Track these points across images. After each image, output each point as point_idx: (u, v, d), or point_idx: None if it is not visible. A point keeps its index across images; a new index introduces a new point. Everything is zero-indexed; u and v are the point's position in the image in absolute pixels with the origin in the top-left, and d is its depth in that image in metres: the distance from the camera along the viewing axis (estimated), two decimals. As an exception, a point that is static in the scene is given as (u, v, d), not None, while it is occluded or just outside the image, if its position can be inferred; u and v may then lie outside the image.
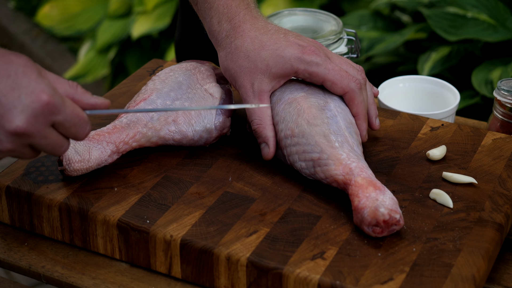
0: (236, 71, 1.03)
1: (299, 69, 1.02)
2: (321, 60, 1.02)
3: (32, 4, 3.30)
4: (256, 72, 1.02)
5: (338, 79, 1.02)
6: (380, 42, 1.86)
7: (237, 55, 1.03)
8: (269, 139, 1.02)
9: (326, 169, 0.98)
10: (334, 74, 1.02)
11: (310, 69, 1.02)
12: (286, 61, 1.01)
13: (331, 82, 1.02)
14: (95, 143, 1.01)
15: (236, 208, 0.97)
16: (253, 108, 1.03)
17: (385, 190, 0.93)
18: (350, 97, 1.03)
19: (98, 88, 2.83)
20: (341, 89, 1.03)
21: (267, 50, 1.02)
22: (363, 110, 1.04)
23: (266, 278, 0.90)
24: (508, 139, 1.09)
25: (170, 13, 2.43)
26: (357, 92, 1.03)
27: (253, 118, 1.03)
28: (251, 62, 1.02)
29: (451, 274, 0.88)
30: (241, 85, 1.03)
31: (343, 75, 1.02)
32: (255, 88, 1.02)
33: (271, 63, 1.01)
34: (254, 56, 1.02)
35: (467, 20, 1.74)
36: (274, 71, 1.02)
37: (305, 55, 1.01)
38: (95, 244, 0.98)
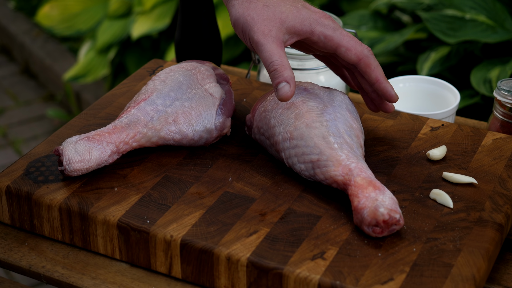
0: (253, 17, 1.02)
1: (315, 30, 1.02)
2: (337, 27, 1.03)
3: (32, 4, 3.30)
4: (275, 20, 1.02)
5: (352, 45, 1.03)
6: (380, 42, 1.86)
7: (255, 4, 1.02)
8: (291, 78, 1.00)
9: (325, 170, 0.98)
10: (349, 40, 1.03)
11: (326, 32, 1.02)
12: (305, 19, 1.02)
13: (345, 48, 1.03)
14: (95, 143, 1.01)
15: (236, 208, 0.97)
16: (271, 50, 1.01)
17: (385, 190, 0.93)
18: (365, 63, 1.03)
19: (99, 88, 2.83)
20: (355, 55, 1.03)
21: (287, 5, 1.02)
22: (381, 72, 1.04)
23: (266, 278, 0.90)
24: (508, 139, 1.09)
25: (170, 13, 2.44)
26: (371, 57, 1.03)
27: (273, 59, 1.01)
28: (271, 11, 1.02)
29: (451, 274, 0.88)
30: (257, 30, 1.01)
31: (356, 42, 1.03)
32: (273, 34, 1.01)
33: (290, 17, 1.02)
34: (274, 6, 1.02)
35: (465, 21, 1.74)
36: (292, 24, 1.02)
37: (322, 18, 1.02)
38: (95, 244, 0.98)
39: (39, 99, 2.98)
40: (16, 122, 2.84)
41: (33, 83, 3.08)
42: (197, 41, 1.31)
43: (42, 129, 2.81)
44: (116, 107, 1.16)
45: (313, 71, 1.26)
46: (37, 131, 2.80)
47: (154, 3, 2.44)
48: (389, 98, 1.05)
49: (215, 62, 1.34)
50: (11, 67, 3.19)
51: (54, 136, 1.10)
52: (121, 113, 1.06)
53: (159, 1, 2.45)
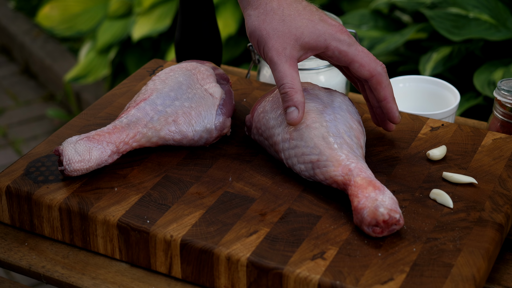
0: (268, 32, 1.01)
1: (330, 45, 1.02)
2: (352, 42, 1.02)
3: (32, 4, 3.30)
4: (290, 37, 1.01)
5: (366, 61, 1.03)
6: (380, 42, 1.86)
7: (272, 17, 1.01)
8: (301, 103, 1.00)
9: (325, 171, 0.97)
10: (363, 56, 1.02)
11: (341, 47, 1.02)
12: (321, 34, 1.01)
13: (359, 64, 1.03)
14: (95, 143, 1.01)
15: (236, 208, 0.97)
16: (284, 71, 1.00)
17: (385, 190, 0.93)
18: (377, 80, 1.03)
19: (99, 88, 2.83)
20: (369, 72, 1.03)
21: (303, 19, 1.01)
22: (391, 92, 1.04)
23: (266, 278, 0.90)
24: (508, 139, 1.09)
25: (171, 15, 2.43)
26: (384, 75, 1.03)
27: (285, 81, 1.00)
28: (286, 27, 1.01)
29: (451, 274, 0.88)
30: (272, 47, 1.01)
31: (371, 58, 1.03)
32: (287, 53, 1.01)
33: (306, 32, 1.01)
34: (290, 21, 1.01)
35: (469, 20, 1.74)
36: (307, 41, 1.01)
37: (338, 33, 1.02)
38: (95, 244, 0.98)
39: (39, 99, 2.98)
40: (16, 122, 2.84)
41: (33, 83, 3.08)
42: (197, 41, 1.31)
43: (42, 129, 2.81)
44: (116, 107, 1.16)
45: (313, 71, 1.26)
46: (37, 131, 2.80)
47: (153, 2, 2.44)
48: (392, 118, 1.06)
49: (215, 62, 1.34)
50: (11, 67, 3.19)
51: (54, 136, 1.10)
52: (121, 113, 1.06)
53: (158, 1, 2.45)
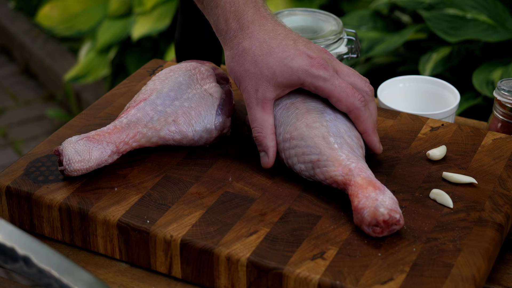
0: (241, 74, 1.01)
1: (305, 82, 1.00)
2: (329, 75, 1.00)
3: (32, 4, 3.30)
4: (262, 79, 1.00)
5: (343, 96, 1.00)
6: (380, 43, 1.86)
7: (244, 58, 1.01)
8: (269, 148, 1.01)
9: (325, 170, 0.98)
10: (340, 91, 1.00)
11: (316, 83, 1.00)
12: (294, 72, 0.99)
13: (336, 99, 1.01)
14: (95, 143, 1.01)
15: (236, 208, 0.97)
16: (254, 115, 1.01)
17: (385, 190, 0.93)
18: (355, 115, 1.02)
19: (99, 88, 2.83)
20: (346, 107, 1.01)
21: (275, 58, 0.99)
22: (370, 125, 1.02)
23: (266, 278, 0.90)
24: (508, 139, 1.09)
25: (170, 14, 2.43)
26: (362, 109, 1.01)
27: (254, 125, 1.01)
28: (258, 68, 1.00)
29: (451, 274, 0.88)
30: (245, 89, 1.01)
31: (348, 93, 1.00)
32: (259, 95, 1.01)
33: (278, 72, 0.99)
34: (261, 62, 1.00)
35: (466, 21, 1.74)
36: (280, 81, 1.00)
37: (313, 68, 0.99)
38: (95, 244, 0.98)
39: (39, 99, 2.98)
40: (16, 122, 2.84)
41: (33, 83, 3.08)
42: (197, 41, 1.31)
43: (42, 129, 2.81)
44: (116, 107, 1.16)
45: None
46: (37, 131, 2.80)
47: (155, 3, 2.44)
48: (373, 150, 1.04)
49: (215, 62, 1.34)
50: (11, 67, 3.19)
51: (54, 136, 1.10)
52: (121, 113, 1.06)
53: (159, 2, 2.45)
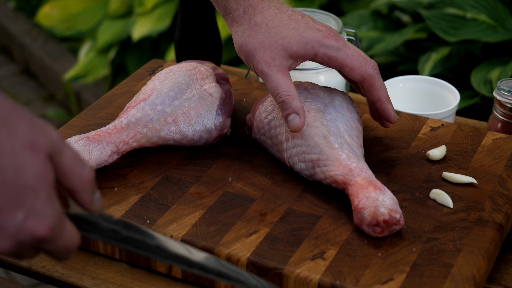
0: (255, 46, 1.01)
1: (319, 52, 1.01)
2: (341, 46, 1.01)
3: (32, 4, 3.30)
4: (278, 48, 1.01)
5: (356, 65, 1.02)
6: (379, 42, 1.86)
7: (257, 31, 1.01)
8: (300, 108, 1.00)
9: (325, 170, 0.98)
10: (353, 60, 1.01)
11: (330, 53, 1.01)
12: (308, 42, 1.01)
13: (349, 68, 1.02)
14: (95, 143, 1.01)
15: (236, 208, 0.97)
16: (277, 81, 1.00)
17: (385, 190, 0.93)
18: (369, 83, 1.02)
19: (99, 88, 2.83)
20: (360, 75, 1.02)
21: (288, 29, 1.01)
22: (384, 93, 1.03)
23: (266, 278, 0.90)
24: (508, 139, 1.09)
25: (170, 15, 2.43)
26: (376, 77, 1.02)
27: (280, 90, 1.00)
28: (272, 38, 1.01)
29: (451, 274, 0.88)
30: (261, 60, 1.01)
31: (361, 61, 1.02)
32: (277, 63, 1.01)
33: (293, 42, 1.00)
34: (275, 32, 1.01)
35: (466, 20, 1.74)
36: (295, 49, 1.01)
37: (326, 39, 1.01)
38: (95, 244, 0.98)
39: (39, 99, 2.98)
40: (16, 122, 2.84)
41: (33, 83, 3.08)
42: (197, 41, 1.31)
43: (42, 129, 2.80)
44: (116, 107, 1.16)
45: (313, 71, 1.26)
46: (37, 131, 2.79)
47: (155, 3, 2.45)
48: (387, 119, 1.05)
49: (215, 62, 1.34)
50: (11, 67, 3.19)
51: (54, 136, 1.10)
52: (121, 113, 1.06)
53: (159, 2, 2.45)
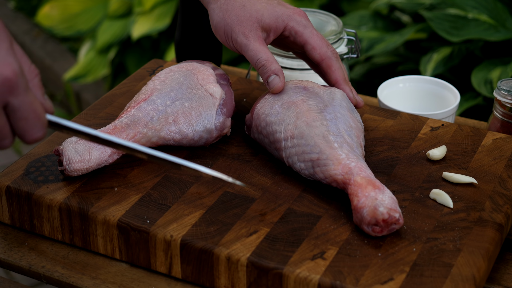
0: (232, 20, 1.07)
1: (288, 25, 1.07)
2: (308, 24, 1.09)
3: (32, 4, 3.30)
4: (253, 20, 1.07)
5: (318, 45, 1.08)
6: (379, 42, 1.86)
7: (233, 6, 1.08)
8: (279, 70, 1.06)
9: (325, 169, 0.98)
10: (316, 40, 1.08)
11: (297, 27, 1.08)
12: (279, 15, 1.07)
13: (311, 46, 1.08)
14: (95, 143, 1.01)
15: (236, 208, 0.97)
16: (256, 49, 1.06)
17: (384, 189, 0.93)
18: (327, 64, 1.08)
19: (99, 88, 2.83)
20: (319, 55, 1.08)
21: (262, 3, 1.08)
22: (341, 75, 1.09)
23: (266, 278, 0.90)
24: (508, 139, 1.09)
25: (170, 14, 2.43)
26: (334, 59, 1.08)
27: (259, 56, 1.06)
28: (247, 12, 1.07)
29: (451, 274, 0.88)
30: (238, 32, 1.07)
31: (323, 43, 1.08)
32: (253, 34, 1.07)
33: (266, 14, 1.07)
34: (249, 6, 1.07)
35: (468, 21, 1.75)
36: (268, 22, 1.07)
37: (295, 15, 1.08)
38: (95, 244, 0.98)
39: (39, 99, 2.98)
40: (16, 122, 2.84)
41: (33, 83, 3.07)
42: (197, 41, 1.31)
43: (42, 129, 2.80)
44: (116, 107, 1.16)
45: (313, 71, 1.26)
46: (37, 131, 2.79)
47: (154, 3, 2.45)
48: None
49: (215, 62, 1.34)
50: (11, 67, 3.18)
51: (54, 136, 1.10)
52: (121, 113, 1.06)
53: (159, 1, 2.45)
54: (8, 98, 0.73)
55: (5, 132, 0.75)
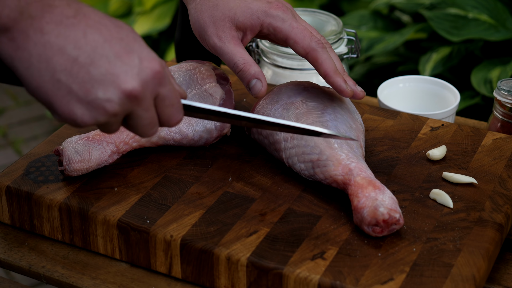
0: (205, 21, 1.02)
1: (264, 22, 1.01)
2: (287, 17, 1.01)
3: (32, 4, 3.29)
4: (225, 20, 1.01)
5: (300, 38, 1.01)
6: (379, 42, 1.86)
7: (206, 5, 1.02)
8: (260, 73, 1.00)
9: (325, 170, 0.98)
10: (297, 33, 1.01)
11: (275, 23, 1.01)
12: (254, 12, 1.01)
13: (293, 40, 1.01)
14: (95, 143, 1.01)
15: (236, 208, 0.97)
16: (231, 51, 1.01)
17: (385, 190, 0.93)
18: (313, 57, 1.01)
19: (98, 88, 2.83)
20: (303, 48, 1.01)
21: (236, 1, 1.02)
22: (330, 66, 1.01)
23: (266, 278, 0.90)
24: (508, 139, 1.09)
25: (170, 14, 2.43)
26: (319, 51, 1.00)
27: (235, 59, 1.01)
28: (220, 11, 1.01)
29: (451, 274, 0.88)
30: (211, 34, 1.01)
31: (305, 34, 1.01)
32: (227, 35, 1.01)
33: (238, 13, 1.01)
34: (223, 5, 1.01)
35: (468, 20, 1.75)
36: (241, 21, 1.01)
37: (272, 9, 1.01)
38: (95, 244, 0.98)
39: (39, 99, 2.98)
40: (16, 122, 2.84)
41: (33, 83, 3.08)
42: (197, 41, 1.31)
43: (42, 129, 2.81)
44: (116, 107, 1.16)
45: (313, 71, 1.26)
46: (37, 131, 2.80)
47: (154, 3, 2.44)
48: (340, 92, 1.01)
49: (215, 62, 1.34)
50: (11, 67, 3.19)
51: (54, 136, 1.10)
52: (121, 113, 1.06)
53: (159, 1, 2.45)
54: (158, 89, 0.79)
55: (155, 121, 0.81)
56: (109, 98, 0.76)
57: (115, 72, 0.76)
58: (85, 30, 0.75)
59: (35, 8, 0.74)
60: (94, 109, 0.76)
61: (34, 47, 0.74)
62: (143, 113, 0.79)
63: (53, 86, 0.75)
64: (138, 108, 0.78)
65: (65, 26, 0.75)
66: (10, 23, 0.73)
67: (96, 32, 0.76)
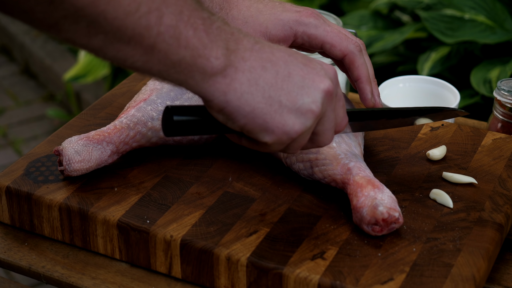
0: None
1: (298, 32, 1.01)
2: (319, 23, 1.01)
3: (32, 4, 3.29)
4: (256, 35, 1.00)
5: (337, 41, 1.00)
6: (379, 40, 1.86)
7: (235, 23, 1.01)
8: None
9: (324, 169, 0.98)
10: (333, 36, 1.00)
11: (308, 31, 1.00)
12: (285, 23, 1.00)
13: (330, 45, 1.00)
14: (95, 143, 1.01)
15: (236, 208, 0.97)
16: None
17: (384, 189, 0.93)
18: (349, 60, 1.01)
19: (99, 88, 2.83)
20: (340, 51, 1.00)
21: (265, 15, 1.01)
22: (364, 72, 1.01)
23: (266, 278, 0.90)
24: (508, 139, 1.09)
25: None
26: (357, 54, 1.00)
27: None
28: (250, 27, 1.00)
29: (451, 274, 0.88)
30: None
31: (342, 37, 1.00)
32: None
33: (270, 26, 1.00)
34: (252, 21, 1.01)
35: (464, 22, 1.74)
36: (274, 33, 1.00)
37: (303, 17, 1.00)
38: (95, 244, 0.98)
39: (39, 99, 2.98)
40: (16, 122, 2.84)
41: (33, 83, 3.08)
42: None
43: (42, 129, 2.81)
44: (116, 107, 1.16)
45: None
46: (37, 131, 2.80)
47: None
48: (363, 100, 1.02)
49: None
50: (11, 67, 3.19)
51: (54, 136, 1.10)
52: (121, 113, 1.06)
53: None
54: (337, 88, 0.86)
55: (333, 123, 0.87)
56: (313, 100, 0.82)
57: (310, 76, 0.83)
58: (270, 50, 0.82)
59: (232, 42, 0.80)
60: (303, 115, 0.82)
61: (243, 75, 0.80)
62: (331, 114, 0.85)
63: (266, 103, 0.81)
64: (329, 108, 0.85)
65: (256, 51, 0.81)
66: (226, 61, 0.79)
67: (277, 50, 0.83)
